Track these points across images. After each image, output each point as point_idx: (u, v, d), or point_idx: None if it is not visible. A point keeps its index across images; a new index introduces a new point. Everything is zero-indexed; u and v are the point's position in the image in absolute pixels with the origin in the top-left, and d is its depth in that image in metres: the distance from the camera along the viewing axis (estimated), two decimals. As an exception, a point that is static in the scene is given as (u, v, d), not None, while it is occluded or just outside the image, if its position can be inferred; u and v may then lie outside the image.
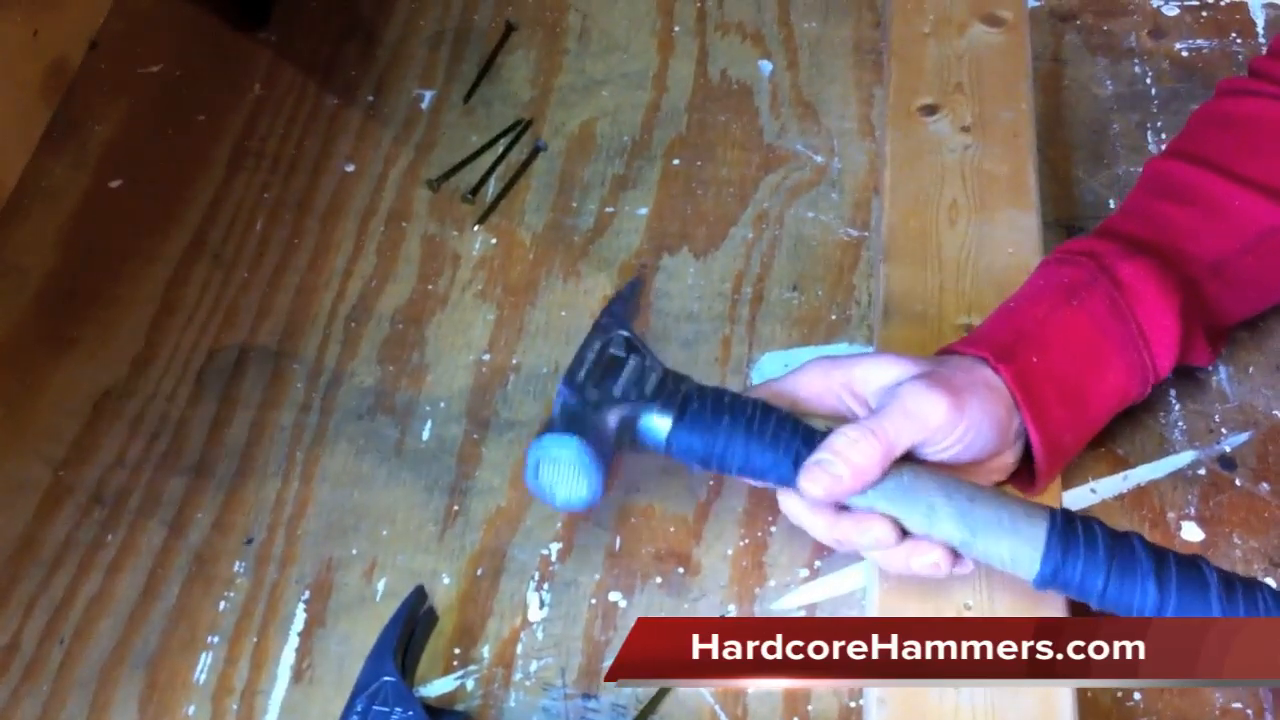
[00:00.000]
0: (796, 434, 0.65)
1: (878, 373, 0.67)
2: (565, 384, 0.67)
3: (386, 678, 0.64)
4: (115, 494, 0.79)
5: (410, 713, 0.63)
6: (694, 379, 0.69)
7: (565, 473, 0.64)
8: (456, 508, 0.77)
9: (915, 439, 0.64)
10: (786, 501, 0.66)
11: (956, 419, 0.64)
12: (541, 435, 0.65)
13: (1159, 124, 0.93)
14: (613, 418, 0.66)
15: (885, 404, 0.65)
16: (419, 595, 0.70)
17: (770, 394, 0.69)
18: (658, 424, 0.66)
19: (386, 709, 0.63)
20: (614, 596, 0.73)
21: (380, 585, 0.74)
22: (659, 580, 0.73)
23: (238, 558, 0.76)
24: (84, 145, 0.99)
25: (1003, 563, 0.63)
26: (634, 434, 0.67)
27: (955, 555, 0.64)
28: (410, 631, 0.68)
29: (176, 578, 0.75)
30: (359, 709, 0.64)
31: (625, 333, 0.69)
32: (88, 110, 1.01)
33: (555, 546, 0.75)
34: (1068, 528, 0.62)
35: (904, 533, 0.64)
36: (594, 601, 0.72)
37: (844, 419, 0.67)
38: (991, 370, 0.67)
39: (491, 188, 0.94)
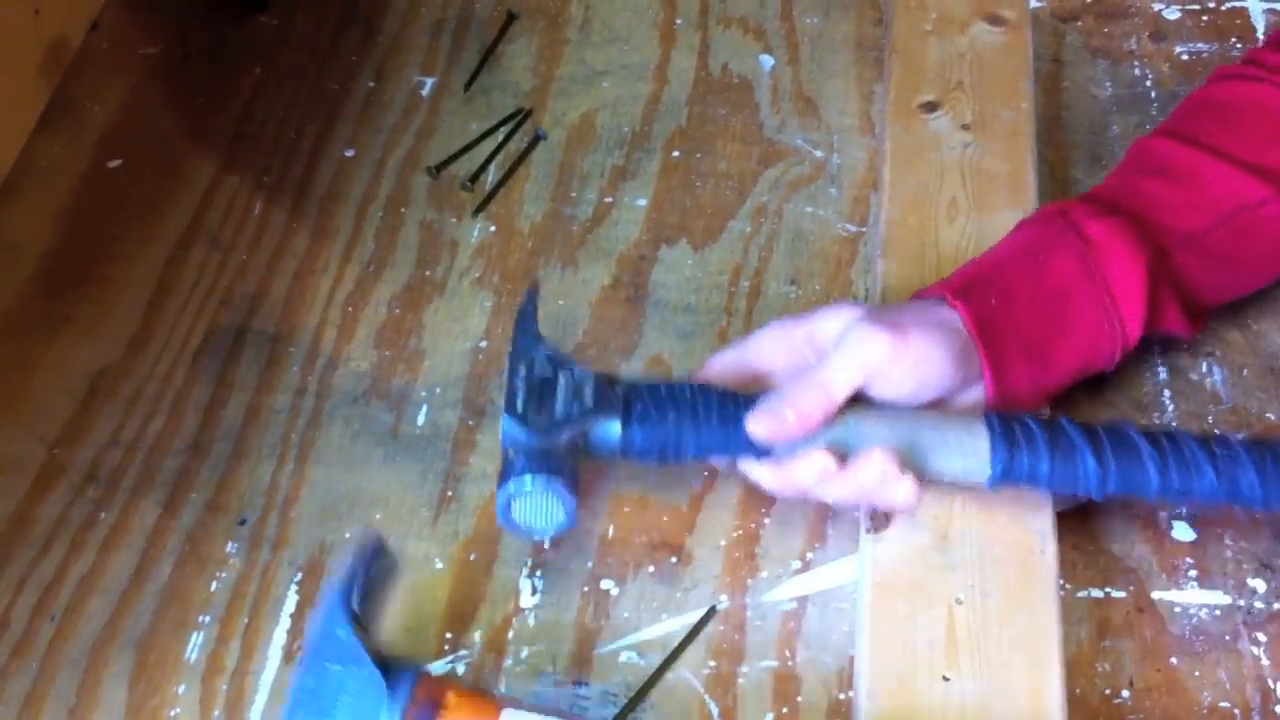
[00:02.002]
0: (740, 404, 0.68)
1: (834, 322, 0.69)
2: (508, 417, 0.67)
3: (338, 631, 0.60)
4: (109, 473, 0.79)
5: (363, 671, 0.59)
6: (622, 377, 0.70)
7: (538, 506, 0.66)
8: (450, 493, 0.77)
9: (858, 379, 0.66)
10: (744, 465, 0.69)
11: (899, 354, 0.66)
12: (504, 480, 0.66)
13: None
14: (563, 438, 0.67)
15: (831, 350, 0.67)
16: (376, 545, 0.65)
17: (727, 364, 0.71)
18: (608, 432, 0.68)
19: (341, 666, 0.60)
20: (606, 585, 0.73)
21: (373, 569, 0.74)
22: (651, 569, 0.73)
23: (231, 538, 0.76)
24: (83, 125, 0.99)
25: (955, 476, 0.67)
26: (587, 447, 0.68)
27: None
28: (366, 582, 0.63)
29: (169, 558, 0.75)
30: (308, 667, 0.60)
31: (545, 351, 0.70)
32: (87, 90, 1.01)
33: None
34: (1005, 429, 0.66)
35: (843, 461, 0.66)
36: (586, 589, 0.72)
37: None
38: (948, 308, 0.69)
39: (491, 176, 0.94)
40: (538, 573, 0.73)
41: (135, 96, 1.01)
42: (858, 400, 0.67)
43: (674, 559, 0.73)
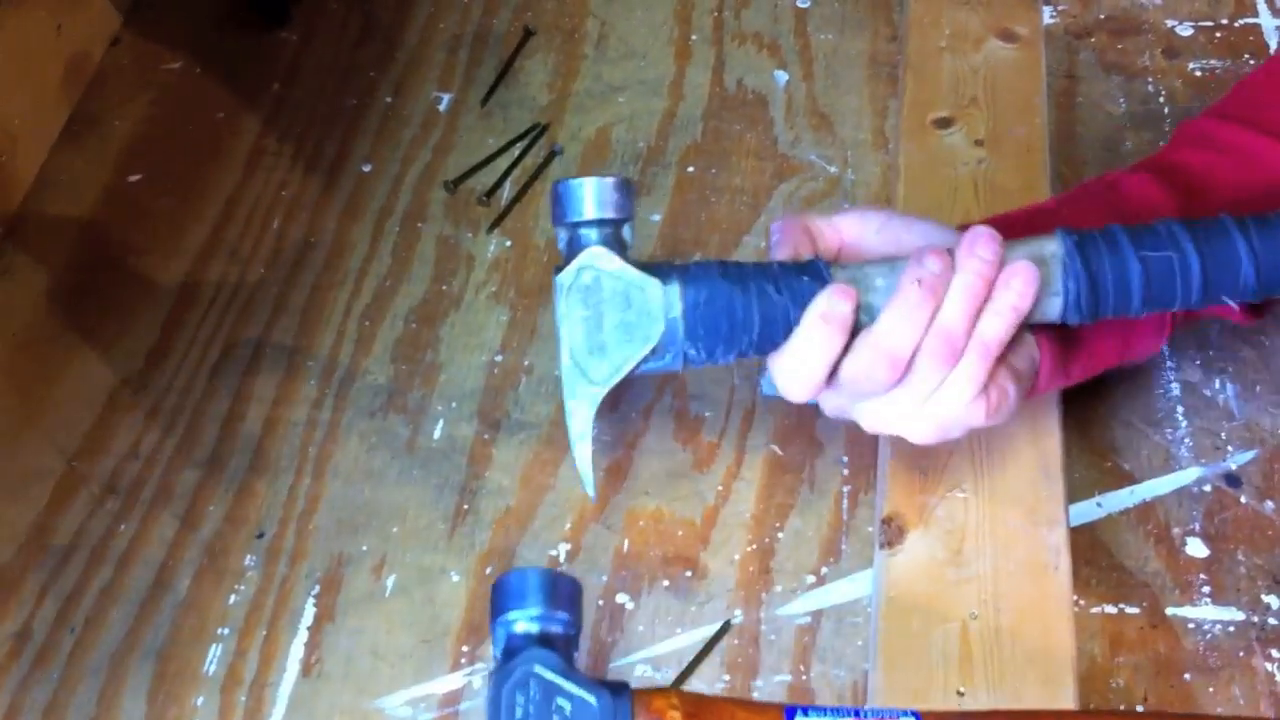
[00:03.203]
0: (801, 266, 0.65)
1: (854, 225, 0.68)
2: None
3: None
4: (128, 485, 0.79)
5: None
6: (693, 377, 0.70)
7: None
8: (466, 506, 0.78)
9: (843, 224, 0.68)
10: (879, 339, 0.63)
11: (886, 212, 0.68)
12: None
13: (1171, 143, 0.93)
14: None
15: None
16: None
17: (790, 230, 0.68)
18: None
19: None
20: (621, 599, 0.73)
21: (389, 582, 0.74)
22: (666, 583, 0.73)
23: (249, 551, 0.76)
24: (104, 140, 1.00)
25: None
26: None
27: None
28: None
29: (187, 570, 0.76)
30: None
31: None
32: (108, 105, 1.02)
33: (564, 547, 0.75)
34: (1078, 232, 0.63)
35: None
36: (601, 603, 0.73)
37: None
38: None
39: (507, 191, 0.94)
40: (553, 586, 0.74)
41: (156, 111, 1.02)
42: None
43: (689, 573, 0.74)
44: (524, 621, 0.58)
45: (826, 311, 0.62)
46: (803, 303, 0.63)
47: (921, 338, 0.62)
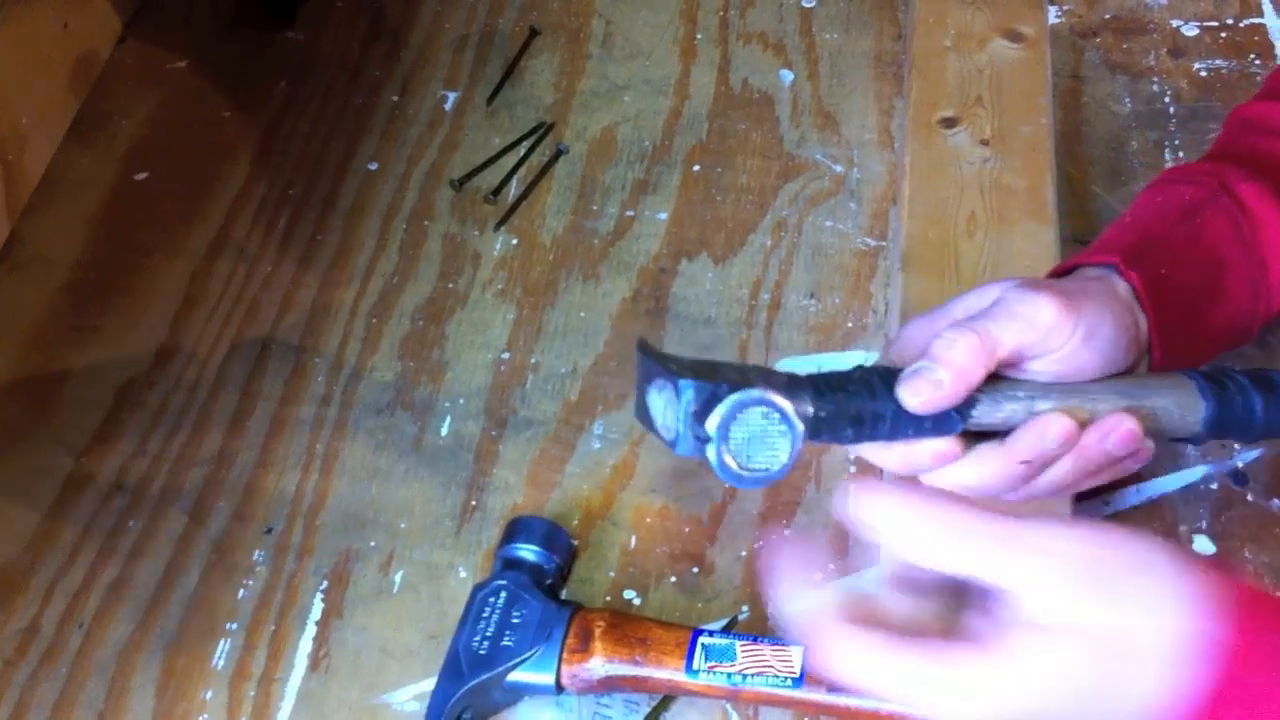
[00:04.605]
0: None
1: (986, 295, 0.60)
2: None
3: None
4: (136, 482, 0.80)
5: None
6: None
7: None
8: (474, 503, 0.78)
9: (1022, 338, 0.57)
10: (958, 472, 0.59)
11: (1066, 321, 0.57)
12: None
13: (1177, 142, 0.94)
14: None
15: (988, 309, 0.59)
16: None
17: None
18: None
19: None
20: (629, 595, 0.73)
21: (397, 578, 0.75)
22: (673, 580, 0.74)
23: (257, 547, 0.76)
24: (111, 138, 1.00)
25: (1173, 428, 0.60)
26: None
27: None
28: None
29: (196, 566, 0.76)
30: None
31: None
32: (116, 103, 1.02)
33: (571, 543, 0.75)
34: (1205, 374, 0.60)
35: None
36: (609, 599, 0.73)
37: None
38: (1118, 277, 0.62)
39: (513, 189, 0.94)
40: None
41: (163, 110, 1.02)
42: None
43: (695, 569, 0.74)
44: (513, 553, 0.72)
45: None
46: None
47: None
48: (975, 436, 0.59)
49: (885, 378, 0.58)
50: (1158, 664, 0.44)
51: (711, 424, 0.51)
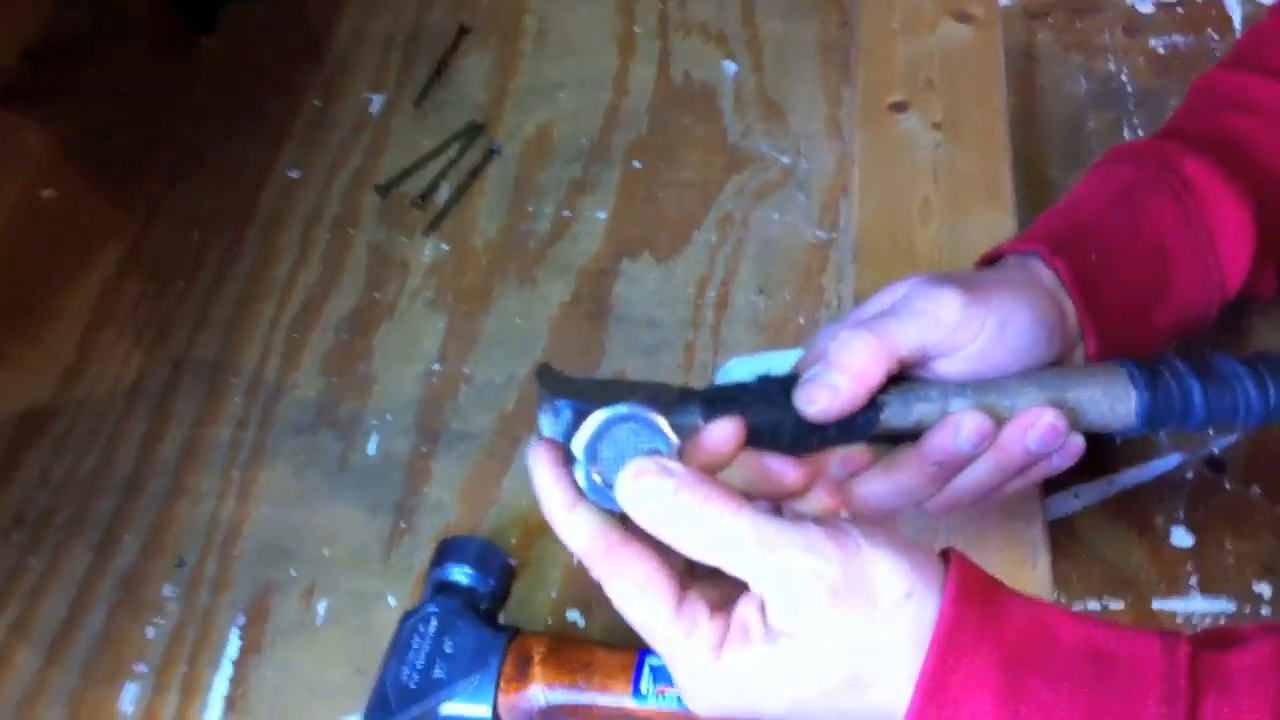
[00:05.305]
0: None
1: (891, 296, 0.58)
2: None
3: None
4: (38, 515, 0.74)
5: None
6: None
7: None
8: (403, 525, 0.72)
9: (925, 335, 0.54)
10: (868, 480, 0.56)
11: (976, 313, 0.54)
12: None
13: (1135, 121, 0.90)
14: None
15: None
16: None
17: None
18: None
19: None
20: (572, 615, 0.68)
21: (320, 608, 0.69)
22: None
23: (168, 581, 0.71)
24: (16, 155, 0.95)
25: (1104, 423, 0.56)
26: None
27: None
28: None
29: (102, 603, 0.70)
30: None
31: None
32: (21, 120, 0.97)
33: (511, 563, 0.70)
34: (1141, 365, 0.57)
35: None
36: (550, 621, 0.68)
37: None
38: (1043, 265, 0.59)
39: (443, 193, 0.90)
40: (497, 606, 0.69)
41: (71, 125, 0.97)
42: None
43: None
44: (443, 576, 0.65)
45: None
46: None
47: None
48: (894, 443, 0.56)
49: (787, 386, 0.54)
50: (886, 687, 0.45)
51: (577, 444, 0.49)
